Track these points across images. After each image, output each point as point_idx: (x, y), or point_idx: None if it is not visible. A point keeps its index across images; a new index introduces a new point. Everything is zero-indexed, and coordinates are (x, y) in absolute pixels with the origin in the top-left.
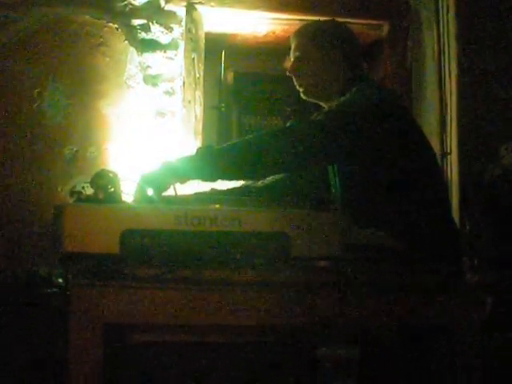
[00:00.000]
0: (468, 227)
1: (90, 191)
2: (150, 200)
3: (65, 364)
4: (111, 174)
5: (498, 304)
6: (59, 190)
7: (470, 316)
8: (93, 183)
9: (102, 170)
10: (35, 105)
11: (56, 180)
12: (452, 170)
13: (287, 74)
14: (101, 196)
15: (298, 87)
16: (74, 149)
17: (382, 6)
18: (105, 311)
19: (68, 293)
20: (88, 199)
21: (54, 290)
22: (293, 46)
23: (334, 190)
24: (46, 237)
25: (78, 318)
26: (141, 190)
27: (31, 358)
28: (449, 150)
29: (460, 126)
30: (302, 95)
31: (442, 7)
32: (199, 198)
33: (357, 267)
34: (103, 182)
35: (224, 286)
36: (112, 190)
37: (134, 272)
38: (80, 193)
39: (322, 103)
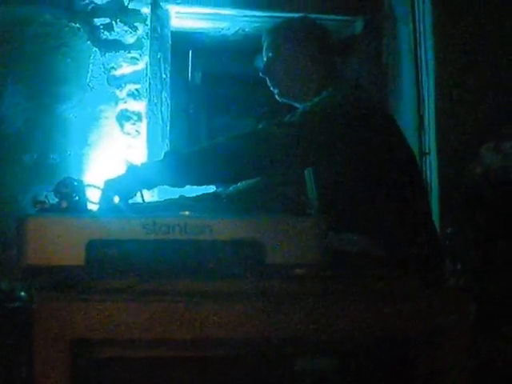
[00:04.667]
0: (449, 229)
1: (53, 200)
2: (116, 208)
3: (30, 382)
4: (76, 182)
5: (482, 307)
6: (20, 199)
7: (453, 321)
8: (56, 192)
9: (66, 177)
10: None
11: (16, 189)
12: (431, 170)
13: (260, 75)
14: (65, 205)
15: (272, 88)
16: (35, 155)
17: (355, 1)
18: (71, 326)
19: (32, 307)
20: (51, 209)
21: (18, 304)
22: (265, 46)
23: (310, 194)
24: (7, 249)
25: (43, 333)
26: (106, 198)
27: None
28: (427, 150)
29: (438, 124)
30: (276, 97)
31: (418, 1)
32: (168, 205)
33: (335, 274)
34: (67, 190)
35: (196, 297)
36: (76, 198)
37: (101, 284)
38: (43, 202)
39: (296, 104)
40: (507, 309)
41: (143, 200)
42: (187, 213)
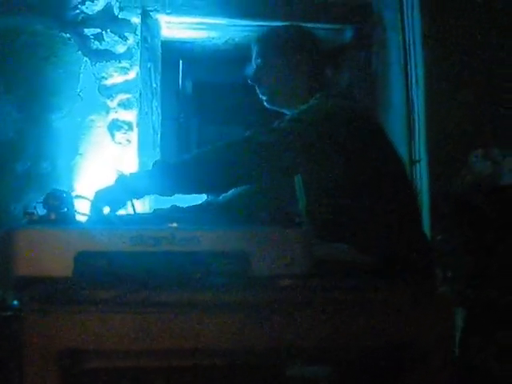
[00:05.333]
0: (440, 237)
1: (42, 211)
2: (105, 219)
3: None
4: (64, 194)
5: (472, 316)
6: (12, 208)
7: (443, 329)
8: (45, 204)
9: (55, 189)
10: None
11: (9, 198)
12: (422, 178)
13: (249, 82)
14: (53, 217)
15: (260, 96)
16: (27, 165)
17: (344, 10)
18: (59, 337)
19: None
20: (40, 221)
21: (9, 313)
22: (254, 54)
23: (299, 202)
24: None
25: (31, 344)
26: (96, 209)
27: None
28: (418, 158)
29: (428, 132)
30: (265, 104)
31: (407, 9)
32: (157, 216)
33: (322, 284)
34: (55, 202)
35: (183, 308)
36: (65, 210)
37: (89, 295)
38: (32, 214)
39: (285, 111)
40: (500, 315)
41: (134, 210)
42: (175, 224)
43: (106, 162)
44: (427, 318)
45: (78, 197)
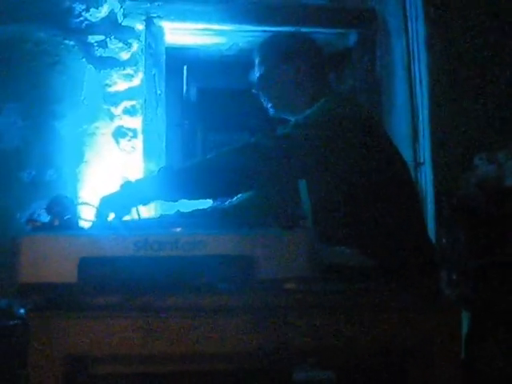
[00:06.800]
0: (444, 240)
1: (46, 218)
2: (110, 225)
3: None
4: (67, 200)
5: (477, 318)
6: (18, 216)
7: (448, 332)
8: (48, 210)
9: (58, 195)
10: None
11: (14, 206)
12: (426, 180)
13: (253, 91)
14: (57, 223)
15: (264, 104)
16: (32, 172)
17: (348, 14)
18: (64, 343)
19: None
20: (44, 227)
21: (16, 321)
22: (257, 61)
23: (304, 207)
24: (4, 267)
25: (37, 350)
26: (101, 215)
27: None
28: (422, 161)
29: (432, 135)
30: (269, 111)
31: (411, 14)
32: (162, 221)
33: (328, 287)
34: (59, 208)
35: (188, 312)
36: (68, 216)
37: (93, 301)
38: (35, 221)
39: (289, 117)
40: (503, 316)
41: (139, 216)
42: (179, 229)
43: (111, 169)
44: (432, 321)
45: (83, 203)
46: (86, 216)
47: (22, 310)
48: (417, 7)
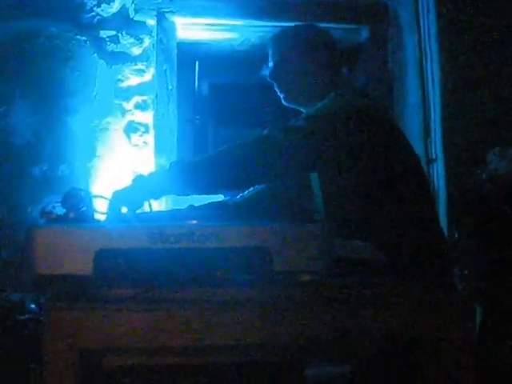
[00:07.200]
0: (456, 235)
1: (60, 211)
2: (123, 219)
3: None
4: (82, 193)
5: (488, 313)
6: (29, 210)
7: (462, 325)
8: (64, 203)
9: (73, 188)
10: (2, 122)
11: (26, 201)
12: (438, 176)
13: (268, 79)
14: (72, 216)
15: (278, 93)
16: (44, 167)
17: (360, 10)
18: (80, 335)
19: (42, 318)
20: (59, 220)
21: (28, 316)
22: (271, 51)
23: (317, 200)
24: (17, 261)
25: (52, 342)
26: (114, 209)
27: None
28: (434, 157)
29: (445, 131)
30: (283, 101)
31: (422, 8)
32: (175, 214)
33: (343, 281)
34: (74, 201)
35: (204, 305)
36: (84, 208)
37: (109, 293)
38: (50, 213)
39: (302, 109)
40: None
41: (151, 210)
42: (194, 221)
43: (123, 164)
44: (446, 314)
45: (96, 196)
46: (100, 209)
47: (33, 305)
48: (428, 1)
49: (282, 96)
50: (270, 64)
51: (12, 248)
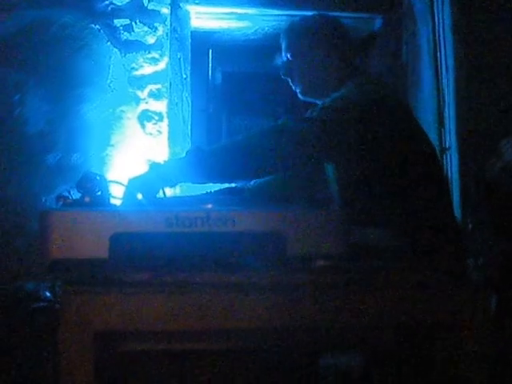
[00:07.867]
0: (470, 224)
1: (76, 195)
2: (138, 205)
3: (55, 377)
4: (98, 177)
5: (503, 302)
6: (43, 199)
7: (476, 315)
8: (79, 187)
9: (89, 172)
10: (16, 111)
11: (39, 190)
12: (452, 165)
13: (282, 76)
14: (87, 200)
15: (294, 88)
16: (58, 156)
17: None
18: (95, 319)
19: (56, 305)
20: (75, 203)
21: (43, 304)
22: (283, 46)
23: (331, 188)
24: (31, 249)
25: (68, 326)
26: (129, 196)
27: (18, 375)
28: (448, 146)
29: (458, 120)
30: (299, 96)
31: None
32: (190, 199)
33: (357, 267)
34: (90, 185)
35: (218, 289)
36: (99, 193)
37: (124, 277)
38: (66, 197)
39: (318, 101)
40: None
41: (165, 197)
42: (210, 205)
43: (137, 152)
44: (461, 301)
45: (111, 181)
46: (116, 194)
47: (48, 293)
48: None
49: (297, 91)
50: (284, 59)
51: (26, 237)
